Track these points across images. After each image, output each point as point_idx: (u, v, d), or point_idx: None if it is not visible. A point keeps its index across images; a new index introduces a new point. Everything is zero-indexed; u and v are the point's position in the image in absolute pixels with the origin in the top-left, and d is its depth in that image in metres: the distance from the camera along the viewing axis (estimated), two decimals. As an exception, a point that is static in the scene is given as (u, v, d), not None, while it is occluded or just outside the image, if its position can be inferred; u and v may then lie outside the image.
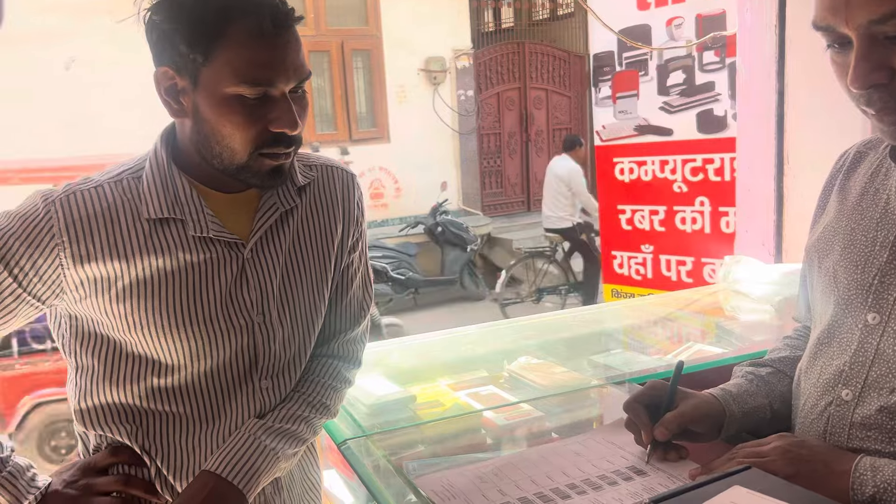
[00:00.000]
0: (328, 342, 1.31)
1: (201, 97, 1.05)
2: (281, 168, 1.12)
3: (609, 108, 3.34)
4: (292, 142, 1.10)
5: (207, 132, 1.07)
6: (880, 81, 0.81)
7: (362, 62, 8.83)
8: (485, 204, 9.89)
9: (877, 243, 0.94)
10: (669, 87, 3.07)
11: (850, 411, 0.94)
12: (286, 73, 1.06)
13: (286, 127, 1.07)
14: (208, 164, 1.10)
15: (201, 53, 1.02)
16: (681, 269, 3.13)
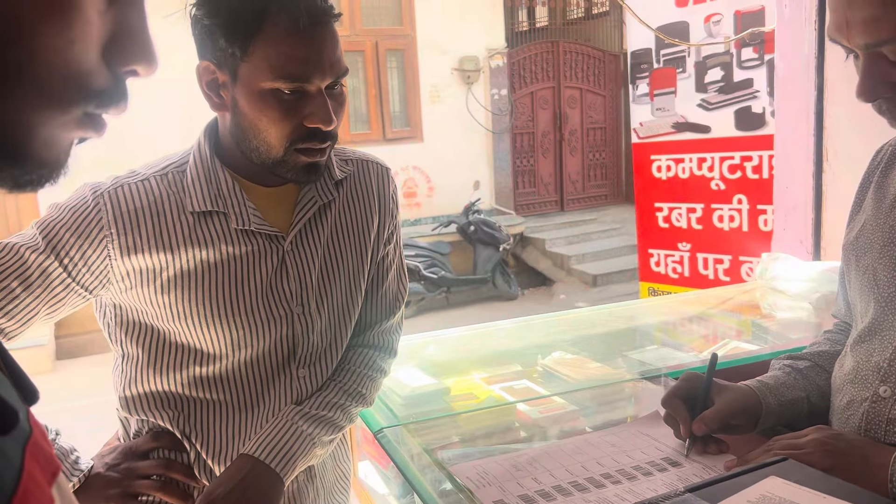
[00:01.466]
0: (364, 332, 1.34)
1: (239, 91, 1.07)
2: (316, 165, 1.14)
3: (647, 105, 3.33)
4: (327, 137, 1.12)
5: (245, 126, 1.10)
6: (885, 95, 0.85)
7: (396, 62, 8.88)
8: (517, 203, 9.87)
9: None
10: (707, 85, 3.05)
11: (887, 408, 0.94)
12: (322, 69, 1.07)
13: (321, 122, 1.09)
14: (246, 157, 1.13)
15: (239, 48, 1.04)
16: (718, 268, 3.11)
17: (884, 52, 0.82)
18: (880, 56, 0.83)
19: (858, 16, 0.82)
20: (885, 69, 0.83)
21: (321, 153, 1.13)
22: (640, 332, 1.95)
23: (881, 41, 0.81)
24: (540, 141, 10.09)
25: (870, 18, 0.81)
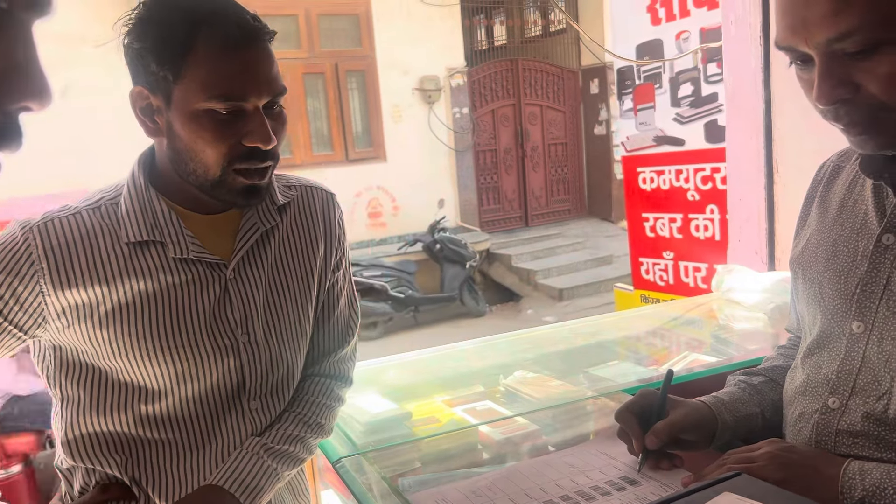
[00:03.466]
0: (319, 362, 1.32)
1: (174, 115, 1.05)
2: (257, 187, 1.11)
3: (632, 119, 3.45)
4: (266, 157, 1.09)
5: (181, 149, 1.07)
6: (845, 97, 0.82)
7: (357, 83, 8.89)
8: (483, 220, 9.91)
9: (858, 253, 0.96)
10: (680, 99, 3.15)
11: (835, 419, 0.95)
12: (258, 87, 1.05)
13: (259, 141, 1.06)
14: (185, 182, 1.11)
15: (171, 71, 1.02)
16: (697, 275, 3.19)
17: (841, 50, 0.80)
18: (838, 56, 0.81)
19: (818, 11, 0.79)
20: (843, 69, 0.81)
21: (260, 175, 1.11)
22: (601, 348, 1.96)
23: (843, 34, 0.79)
24: (503, 157, 10.17)
25: (830, 11, 0.78)
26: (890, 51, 0.78)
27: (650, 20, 3.19)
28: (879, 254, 0.92)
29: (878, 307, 0.92)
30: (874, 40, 0.77)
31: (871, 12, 0.76)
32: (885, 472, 0.86)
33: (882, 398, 0.90)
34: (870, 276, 0.93)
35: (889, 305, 0.90)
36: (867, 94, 0.81)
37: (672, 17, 3.09)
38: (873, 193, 0.95)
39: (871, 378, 0.92)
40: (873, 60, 0.79)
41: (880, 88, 0.80)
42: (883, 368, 0.90)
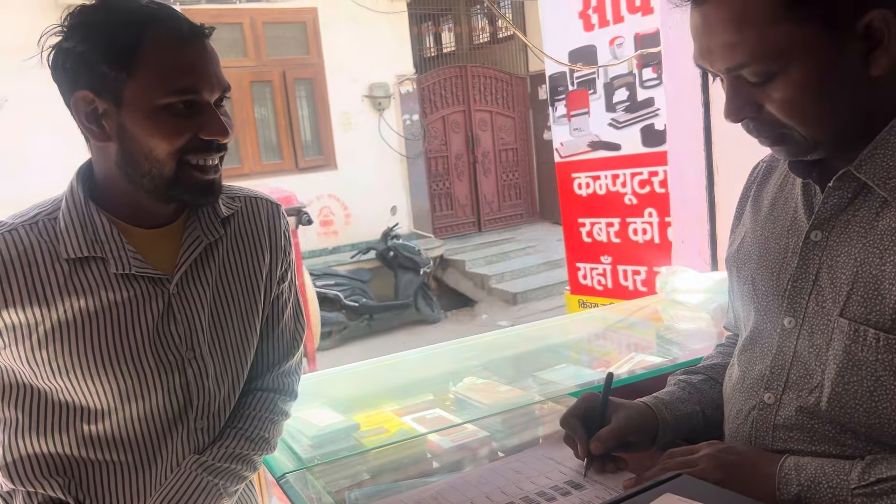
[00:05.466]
0: (262, 376, 1.30)
1: (127, 115, 1.03)
2: (212, 184, 1.12)
3: (565, 125, 3.48)
4: (221, 149, 1.10)
5: (135, 150, 1.05)
6: (750, 115, 0.89)
7: (305, 91, 8.82)
8: (436, 226, 9.91)
9: (788, 250, 0.98)
10: (615, 104, 3.19)
11: (772, 414, 0.97)
12: (210, 81, 1.06)
13: (217, 133, 1.07)
14: (138, 186, 1.08)
15: (123, 69, 1.01)
16: (636, 279, 3.23)
17: (744, 75, 0.86)
18: (741, 79, 0.87)
19: (717, 42, 0.86)
20: (747, 91, 0.87)
21: (215, 170, 1.11)
22: (549, 352, 1.97)
23: (739, 65, 0.85)
24: (454, 164, 10.20)
25: (727, 44, 0.85)
26: (783, 79, 0.85)
27: (582, 26, 3.23)
28: (808, 250, 0.94)
29: (807, 302, 0.94)
30: (766, 73, 0.85)
31: (763, 47, 0.83)
32: (819, 466, 0.88)
33: (814, 391, 0.92)
34: (800, 273, 0.95)
35: (818, 300, 0.92)
36: (769, 114, 0.88)
37: (605, 22, 3.13)
38: (802, 192, 0.98)
39: (802, 372, 0.94)
40: (770, 87, 0.86)
41: (778, 111, 0.87)
42: (814, 362, 0.93)
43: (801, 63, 0.83)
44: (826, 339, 0.91)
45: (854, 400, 0.88)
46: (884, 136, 0.87)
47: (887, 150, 0.86)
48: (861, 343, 0.86)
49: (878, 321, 0.85)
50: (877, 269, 0.85)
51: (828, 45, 0.82)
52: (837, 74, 0.84)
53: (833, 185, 0.91)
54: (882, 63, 0.83)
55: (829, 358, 0.90)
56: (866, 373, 0.87)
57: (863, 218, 0.89)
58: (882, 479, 0.83)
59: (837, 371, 0.89)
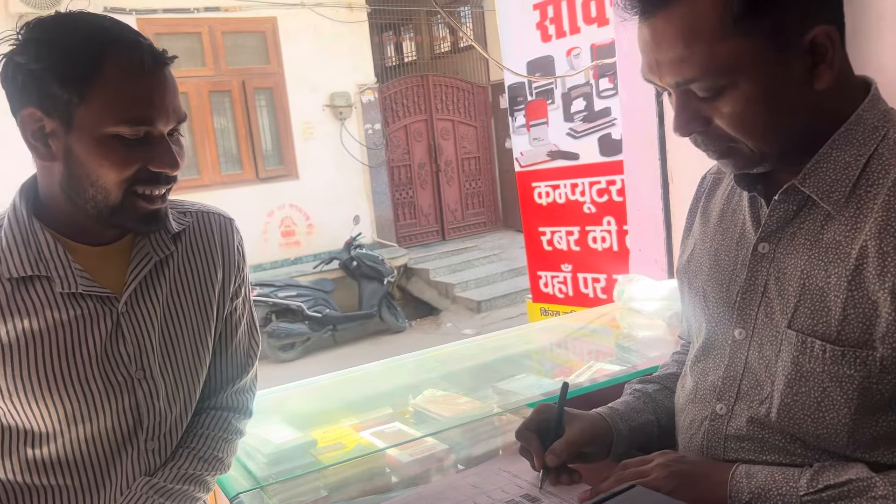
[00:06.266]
0: (216, 394, 1.27)
1: (76, 139, 1.00)
2: (157, 213, 1.09)
3: (525, 135, 3.51)
4: (170, 181, 1.08)
5: (80, 175, 1.02)
6: (699, 129, 0.90)
7: (265, 100, 8.74)
8: (399, 235, 9.89)
9: (737, 262, 0.99)
10: (573, 114, 3.22)
11: (724, 424, 0.98)
12: (166, 113, 1.03)
13: (167, 167, 1.05)
14: (80, 210, 1.05)
15: (76, 93, 0.98)
16: (596, 286, 3.26)
17: (693, 90, 0.87)
18: (690, 93, 0.88)
19: (666, 57, 0.86)
20: (695, 105, 0.88)
21: (161, 199, 1.09)
22: (509, 362, 1.97)
23: (688, 80, 0.86)
24: (417, 172, 10.20)
25: (676, 59, 0.86)
26: (732, 93, 0.86)
27: (540, 37, 3.27)
28: (756, 262, 0.95)
29: (757, 314, 0.95)
30: (715, 87, 0.85)
31: (711, 62, 0.84)
32: (770, 475, 0.89)
33: (764, 402, 0.93)
34: (748, 284, 0.96)
35: (767, 312, 0.93)
36: (717, 127, 0.89)
37: (562, 33, 3.17)
38: (749, 204, 0.99)
39: (753, 383, 0.95)
40: (718, 102, 0.87)
41: (727, 125, 0.88)
42: (764, 373, 0.94)
43: (750, 78, 0.84)
44: (775, 350, 0.92)
45: (802, 411, 0.89)
46: (826, 150, 0.88)
47: (829, 164, 0.88)
48: (808, 354, 0.87)
49: (824, 333, 0.86)
50: (822, 282, 0.87)
51: (775, 60, 0.84)
52: (784, 89, 0.85)
53: (778, 199, 0.92)
54: (826, 78, 0.85)
55: (779, 369, 0.91)
56: (813, 384, 0.88)
57: (808, 230, 0.90)
58: (830, 485, 0.84)
59: (786, 382, 0.90)
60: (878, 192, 0.85)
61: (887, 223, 0.82)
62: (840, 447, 0.87)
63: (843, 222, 0.87)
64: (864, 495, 0.82)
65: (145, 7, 7.82)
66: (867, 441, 0.86)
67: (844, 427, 0.86)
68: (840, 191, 0.87)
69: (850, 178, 0.87)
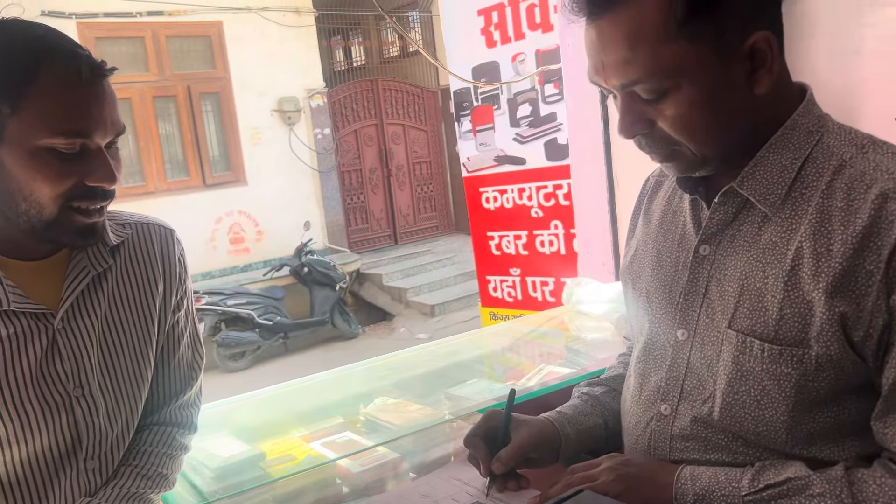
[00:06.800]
0: (159, 409, 1.24)
1: (7, 151, 0.96)
2: (94, 226, 1.06)
3: (471, 140, 3.51)
4: (107, 196, 1.05)
5: (13, 189, 0.98)
6: (642, 132, 0.91)
7: (212, 105, 8.60)
8: (351, 241, 9.83)
9: (679, 264, 1.01)
10: (519, 119, 3.24)
11: (669, 425, 0.99)
12: (104, 125, 1.00)
13: (104, 181, 1.01)
14: (12, 224, 1.02)
15: (8, 103, 0.94)
16: (545, 290, 3.28)
17: (637, 92, 0.88)
18: (635, 95, 0.89)
19: (611, 58, 0.87)
20: (639, 107, 0.89)
21: (99, 213, 1.05)
22: (460, 368, 1.97)
23: (633, 81, 0.87)
24: (368, 177, 10.16)
25: (621, 61, 0.86)
26: (675, 96, 0.87)
27: (485, 42, 3.29)
28: (697, 264, 0.97)
29: (699, 315, 0.96)
30: (658, 89, 0.87)
31: (654, 65, 0.85)
32: (713, 475, 0.91)
33: (707, 402, 0.95)
34: (690, 286, 0.98)
35: (708, 313, 0.95)
36: (661, 130, 0.90)
37: (507, 39, 3.19)
38: (690, 206, 1.01)
39: (695, 383, 0.97)
40: (662, 104, 0.88)
41: (670, 127, 0.89)
42: (706, 373, 0.95)
43: (692, 81, 0.86)
44: (716, 350, 0.93)
45: (743, 409, 0.91)
46: (763, 153, 0.91)
47: (766, 168, 0.90)
48: (748, 354, 0.89)
49: (763, 332, 0.88)
50: (760, 283, 0.89)
51: (717, 64, 0.86)
52: (725, 92, 0.87)
53: (718, 201, 0.94)
54: (765, 83, 0.88)
55: (720, 369, 0.93)
56: (753, 382, 0.90)
57: (747, 232, 0.92)
58: (770, 484, 0.86)
59: (727, 381, 0.92)
60: (813, 194, 0.87)
61: (821, 225, 0.85)
62: (779, 444, 0.90)
63: (780, 224, 0.89)
64: (803, 493, 0.84)
65: (86, 11, 7.62)
66: (805, 437, 0.88)
67: (783, 424, 0.88)
68: (776, 193, 0.90)
69: (785, 181, 0.89)
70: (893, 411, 0.83)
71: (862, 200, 0.83)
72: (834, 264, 0.83)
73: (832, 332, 0.83)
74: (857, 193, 0.84)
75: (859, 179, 0.85)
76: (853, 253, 0.82)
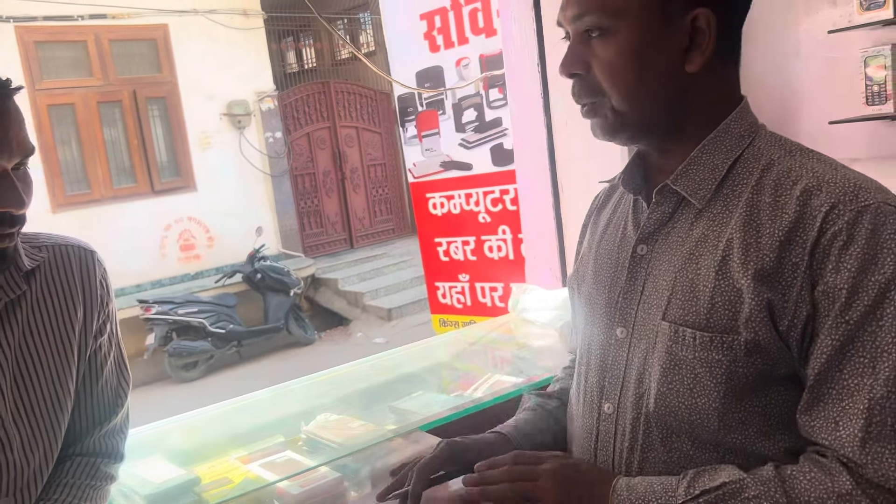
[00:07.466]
0: (81, 439, 1.19)
1: None
2: (4, 252, 1.01)
3: (417, 146, 3.48)
4: (16, 221, 1.00)
5: None
6: (578, 71, 0.96)
7: (158, 110, 8.42)
8: (306, 245, 9.72)
9: (618, 264, 1.03)
10: (465, 125, 3.22)
11: (613, 423, 0.99)
12: (9, 149, 0.96)
13: (12, 206, 0.97)
14: None
15: None
16: (494, 295, 3.26)
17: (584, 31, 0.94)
18: (582, 37, 0.94)
19: None
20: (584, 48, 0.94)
21: (9, 238, 1.01)
22: (405, 380, 1.94)
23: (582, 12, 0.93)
24: (322, 181, 10.06)
25: None
26: (611, 39, 0.92)
27: (428, 47, 3.27)
28: (635, 263, 0.99)
29: (636, 312, 0.98)
30: (600, 25, 0.92)
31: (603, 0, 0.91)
32: (649, 486, 0.90)
33: (644, 395, 0.95)
34: (629, 285, 1.00)
35: (645, 308, 0.97)
36: (593, 76, 0.95)
37: (451, 44, 3.18)
38: (632, 210, 1.04)
39: (635, 379, 0.97)
40: (599, 45, 0.93)
41: (600, 72, 0.94)
42: (643, 367, 0.96)
43: (631, 28, 0.90)
44: (651, 343, 0.95)
45: (677, 398, 0.92)
46: (697, 154, 0.94)
47: (699, 167, 0.94)
48: (680, 343, 0.91)
49: (694, 321, 0.90)
50: (692, 274, 0.91)
51: (657, 24, 0.91)
52: (657, 54, 0.92)
53: (655, 200, 0.97)
54: (696, 61, 0.91)
55: (655, 360, 0.94)
56: (686, 371, 0.91)
57: (680, 229, 0.96)
58: (706, 490, 0.85)
59: (661, 372, 0.93)
60: (743, 191, 0.91)
61: (750, 218, 0.89)
62: (712, 432, 0.90)
63: (711, 219, 0.93)
64: (738, 496, 0.84)
65: (24, 14, 7.38)
66: (736, 425, 0.89)
67: (715, 411, 0.89)
68: (706, 188, 0.94)
69: (715, 178, 0.93)
70: (818, 403, 0.84)
71: (788, 196, 0.87)
72: (762, 255, 0.86)
73: (760, 319, 0.85)
74: (783, 190, 0.88)
75: (785, 176, 0.89)
76: (779, 245, 0.85)
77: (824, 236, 0.83)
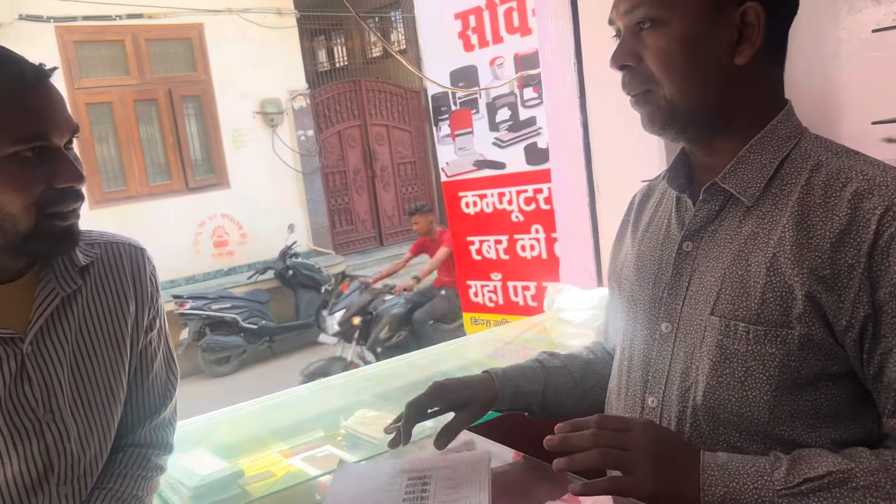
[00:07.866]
0: (133, 431, 1.23)
1: None
2: (70, 229, 1.05)
3: (450, 145, 3.49)
4: (79, 196, 1.04)
5: None
6: (629, 63, 0.98)
7: (193, 108, 8.54)
8: (336, 242, 9.80)
9: (663, 261, 1.04)
10: (499, 124, 3.23)
11: (657, 418, 1.00)
12: (59, 124, 1.00)
13: (72, 180, 1.01)
14: None
15: None
16: (526, 294, 3.26)
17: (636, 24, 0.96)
18: (634, 30, 0.97)
19: None
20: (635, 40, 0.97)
21: (75, 214, 1.05)
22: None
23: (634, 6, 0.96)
24: (352, 179, 10.12)
25: None
26: (664, 30, 0.94)
27: (462, 46, 3.26)
28: (681, 259, 1.01)
29: (682, 307, 0.99)
30: (653, 17, 0.95)
31: None
32: (740, 465, 0.86)
33: (690, 389, 0.96)
34: (674, 281, 1.01)
35: (692, 304, 0.98)
36: (645, 66, 0.97)
37: (485, 43, 3.17)
38: (676, 207, 1.06)
39: (680, 373, 0.98)
40: (651, 36, 0.95)
41: (652, 61, 0.96)
42: (689, 361, 0.97)
43: (682, 19, 0.93)
44: (699, 337, 0.96)
45: (727, 391, 0.92)
46: (745, 153, 0.96)
47: (748, 166, 0.96)
48: (732, 337, 0.92)
49: (746, 315, 0.91)
50: (742, 270, 0.92)
51: (708, 17, 0.93)
52: (708, 45, 0.94)
53: (703, 198, 0.99)
54: (745, 54, 0.94)
55: (703, 353, 0.95)
56: (737, 364, 0.92)
57: (728, 227, 0.97)
58: (809, 478, 0.83)
59: (711, 365, 0.94)
60: (792, 189, 0.93)
61: (802, 217, 0.90)
62: (761, 424, 0.91)
63: (761, 216, 0.94)
64: (845, 486, 0.82)
65: (64, 14, 7.54)
66: (785, 417, 0.90)
67: (766, 404, 0.90)
68: (755, 186, 0.95)
69: (764, 177, 0.95)
70: None
71: (838, 198, 0.88)
72: (814, 255, 0.87)
73: (813, 316, 0.86)
74: (833, 191, 0.89)
75: (835, 178, 0.90)
76: (830, 247, 0.86)
77: (881, 238, 0.84)
